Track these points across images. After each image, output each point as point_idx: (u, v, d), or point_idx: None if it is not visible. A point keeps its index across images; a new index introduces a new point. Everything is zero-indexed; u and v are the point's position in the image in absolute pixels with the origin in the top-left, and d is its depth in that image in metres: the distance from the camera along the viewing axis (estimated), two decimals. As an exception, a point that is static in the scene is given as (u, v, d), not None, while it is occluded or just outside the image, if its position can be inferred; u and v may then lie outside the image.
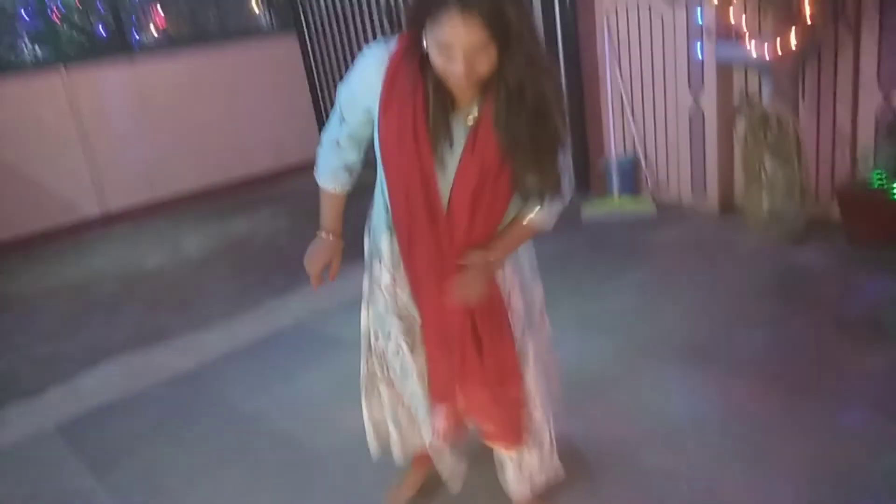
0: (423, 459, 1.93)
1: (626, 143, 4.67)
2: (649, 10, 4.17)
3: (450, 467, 1.78)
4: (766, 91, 3.59)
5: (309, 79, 6.78)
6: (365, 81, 1.42)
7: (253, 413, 2.73)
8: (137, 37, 6.12)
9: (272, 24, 6.72)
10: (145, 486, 2.36)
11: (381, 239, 1.61)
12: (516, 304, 1.66)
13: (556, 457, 1.85)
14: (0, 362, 3.51)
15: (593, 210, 4.48)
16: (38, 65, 5.52)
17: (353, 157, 1.60)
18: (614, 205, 4.49)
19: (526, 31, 1.25)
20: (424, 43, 1.28)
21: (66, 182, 5.61)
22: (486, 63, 1.25)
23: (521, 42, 1.24)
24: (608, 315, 3.18)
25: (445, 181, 1.44)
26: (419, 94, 1.34)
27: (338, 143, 1.57)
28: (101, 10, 5.89)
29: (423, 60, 1.32)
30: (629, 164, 4.57)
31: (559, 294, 3.48)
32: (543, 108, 1.33)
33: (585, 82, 4.67)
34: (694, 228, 4.09)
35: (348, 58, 6.37)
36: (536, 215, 1.51)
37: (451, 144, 1.39)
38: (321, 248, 1.70)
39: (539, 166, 1.39)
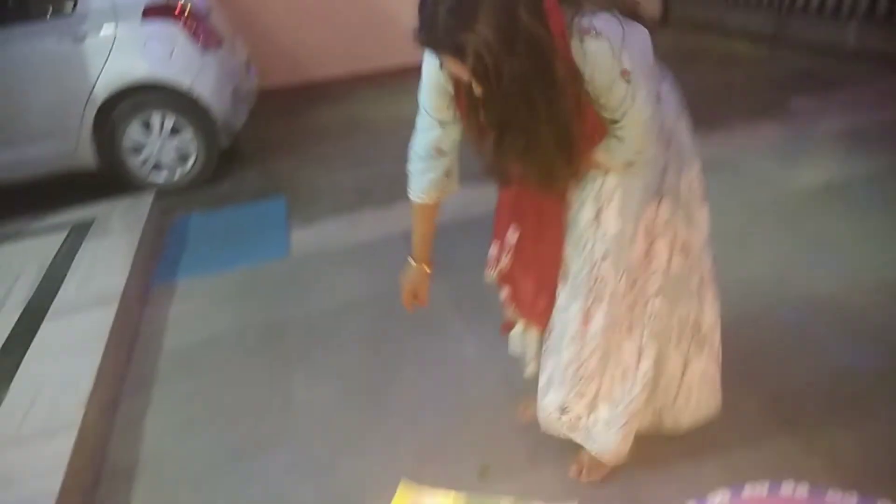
0: None
1: None
2: None
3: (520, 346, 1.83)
4: None
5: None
6: (438, 84, 1.40)
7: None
8: None
9: None
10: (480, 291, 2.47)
11: None
12: (606, 225, 1.48)
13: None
14: (358, 175, 4.09)
15: None
16: None
17: (454, 157, 1.53)
18: None
19: (508, 75, 1.15)
20: None
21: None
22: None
23: (501, 86, 1.17)
24: None
25: None
26: None
27: (439, 150, 1.50)
28: None
29: None
30: None
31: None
32: (524, 148, 1.29)
33: None
34: None
35: None
36: (603, 153, 1.41)
37: None
38: (410, 277, 1.70)
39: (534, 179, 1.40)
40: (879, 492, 1.52)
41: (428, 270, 1.69)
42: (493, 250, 1.70)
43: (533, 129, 1.26)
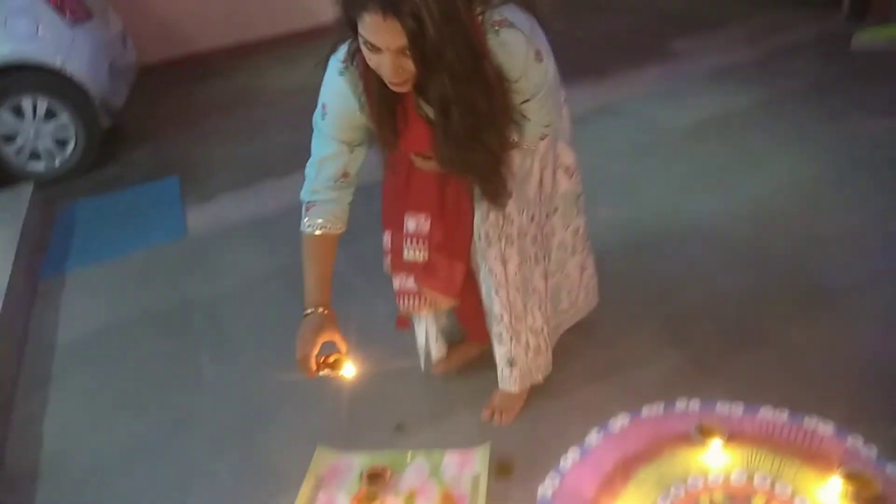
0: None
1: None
2: None
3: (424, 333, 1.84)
4: None
5: None
6: (351, 109, 1.36)
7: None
8: None
9: None
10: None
11: None
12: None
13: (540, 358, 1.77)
14: (257, 145, 3.98)
15: (869, 37, 3.80)
16: None
17: (355, 182, 1.49)
18: (899, 32, 3.75)
19: (447, 40, 1.12)
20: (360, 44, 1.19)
21: (306, -14, 5.86)
22: (412, 65, 1.17)
23: (443, 52, 1.13)
24: (869, 151, 2.78)
25: None
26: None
27: (346, 175, 1.46)
28: None
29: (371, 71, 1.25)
30: (932, -20, 3.72)
31: (809, 122, 3.13)
32: (473, 127, 1.27)
33: None
34: None
35: None
36: (518, 138, 1.43)
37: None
38: (314, 328, 1.43)
39: (482, 165, 1.37)
40: (763, 398, 1.67)
41: (333, 314, 1.46)
42: (387, 240, 1.67)
43: (473, 99, 1.24)
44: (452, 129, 1.27)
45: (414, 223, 1.59)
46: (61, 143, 3.84)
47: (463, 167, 1.38)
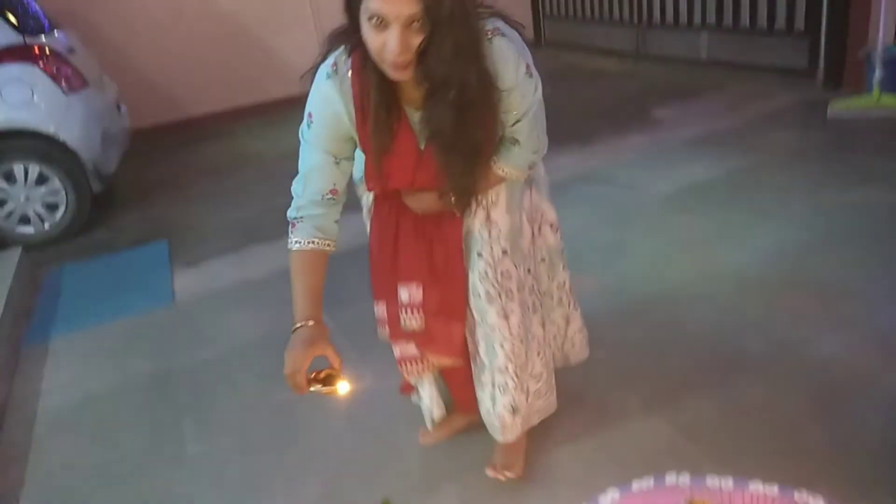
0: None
1: (900, 29, 3.95)
2: None
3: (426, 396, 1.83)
4: None
5: None
6: (337, 115, 1.36)
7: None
8: None
9: None
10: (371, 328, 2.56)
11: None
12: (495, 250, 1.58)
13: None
14: (247, 210, 4.01)
15: (844, 106, 3.93)
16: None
17: (342, 201, 1.45)
18: (872, 102, 3.88)
19: (459, 17, 1.16)
20: (362, 29, 1.20)
21: (298, 56, 6.01)
22: (418, 41, 1.18)
23: (453, 26, 1.16)
24: (847, 221, 2.84)
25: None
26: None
27: (334, 191, 1.41)
28: None
29: (368, 65, 1.28)
30: (899, 54, 3.89)
31: (789, 190, 3.20)
32: (467, 103, 1.26)
33: (857, -46, 3.97)
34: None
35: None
36: (503, 163, 1.47)
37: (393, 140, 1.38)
38: (305, 342, 1.28)
39: (461, 162, 1.37)
40: (753, 470, 1.65)
41: (326, 329, 1.34)
42: (381, 311, 1.66)
43: (468, 78, 1.24)
44: (444, 105, 1.26)
45: (407, 293, 1.59)
46: (51, 208, 3.86)
47: (446, 148, 1.35)
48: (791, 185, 3.27)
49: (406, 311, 1.60)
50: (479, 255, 1.57)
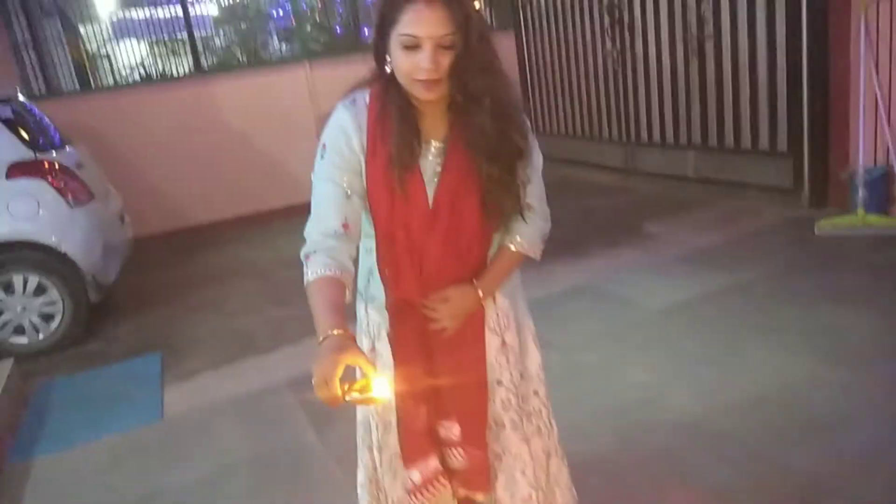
0: None
1: (878, 152, 4.12)
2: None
3: None
4: None
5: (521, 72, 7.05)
6: (349, 143, 1.38)
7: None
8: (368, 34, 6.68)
9: (493, 22, 6.96)
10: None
11: (359, 307, 1.57)
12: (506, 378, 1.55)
13: None
14: (244, 320, 4.01)
15: (830, 225, 4.03)
16: (285, 60, 6.21)
17: (356, 240, 1.42)
18: (858, 221, 3.99)
19: (485, 35, 1.28)
20: (388, 60, 1.31)
21: (303, 166, 6.21)
22: (448, 60, 1.27)
23: (480, 44, 1.27)
24: (840, 342, 2.84)
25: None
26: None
27: (346, 226, 1.36)
28: (340, 11, 6.47)
29: (391, 92, 1.35)
30: (880, 176, 4.04)
31: (778, 310, 3.22)
32: (502, 117, 1.35)
33: (833, 84, 4.21)
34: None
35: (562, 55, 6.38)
36: (521, 238, 1.49)
37: (423, 171, 1.40)
38: (335, 350, 1.15)
39: (506, 177, 1.39)
40: None
41: (352, 336, 1.22)
42: (417, 477, 1.53)
43: (499, 92, 1.33)
44: (483, 112, 1.32)
45: (444, 430, 1.54)
46: (47, 318, 3.87)
47: (490, 157, 1.36)
48: (783, 302, 3.30)
49: (452, 451, 1.55)
50: (499, 382, 1.53)
